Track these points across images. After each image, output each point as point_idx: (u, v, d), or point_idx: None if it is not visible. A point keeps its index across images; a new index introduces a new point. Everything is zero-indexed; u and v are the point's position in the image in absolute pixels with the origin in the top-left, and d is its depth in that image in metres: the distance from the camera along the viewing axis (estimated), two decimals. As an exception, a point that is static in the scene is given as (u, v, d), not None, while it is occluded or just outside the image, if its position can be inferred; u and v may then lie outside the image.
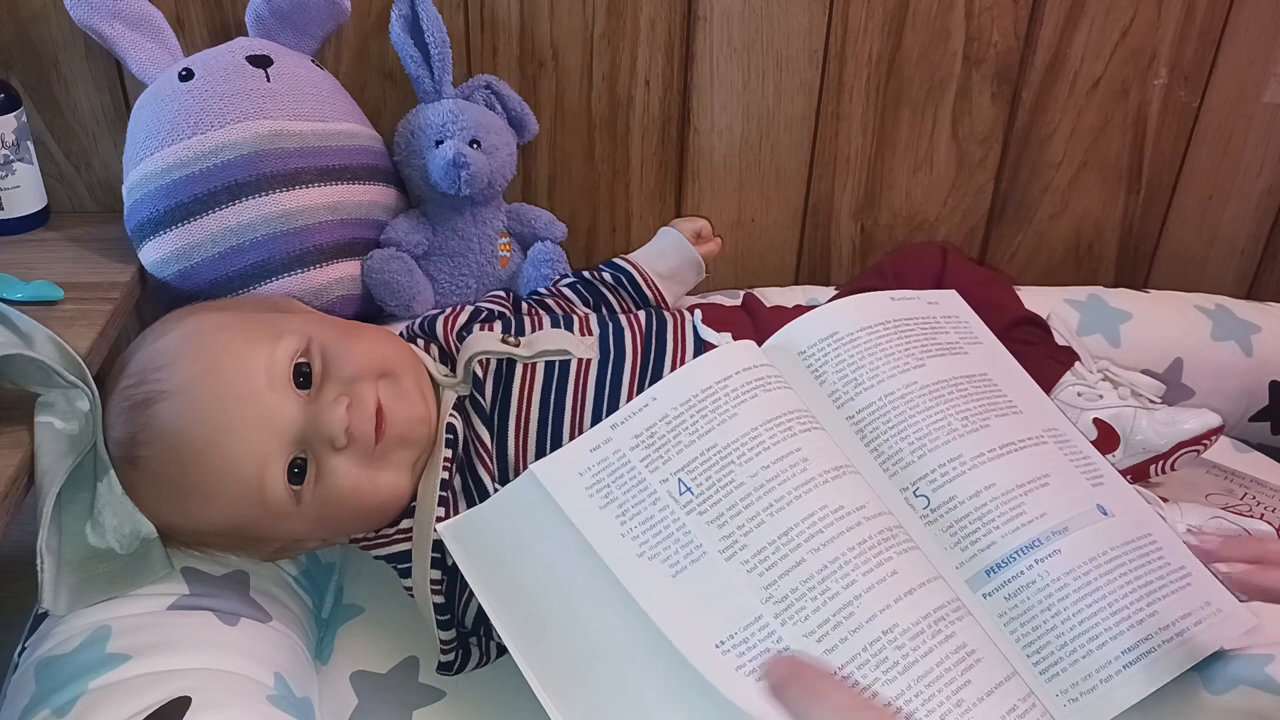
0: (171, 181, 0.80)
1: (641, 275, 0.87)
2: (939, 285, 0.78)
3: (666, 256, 0.90)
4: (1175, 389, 0.91)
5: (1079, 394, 0.80)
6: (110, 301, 0.79)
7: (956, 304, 0.75)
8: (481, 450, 0.69)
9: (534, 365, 0.72)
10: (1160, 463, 0.79)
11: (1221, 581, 0.61)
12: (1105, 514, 0.63)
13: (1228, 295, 0.97)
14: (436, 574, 0.67)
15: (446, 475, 0.68)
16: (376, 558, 0.71)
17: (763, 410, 0.62)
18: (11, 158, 0.86)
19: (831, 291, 0.98)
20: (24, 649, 0.64)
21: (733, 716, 0.54)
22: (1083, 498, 0.64)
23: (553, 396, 0.71)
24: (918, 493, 0.63)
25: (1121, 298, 0.95)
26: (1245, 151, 1.02)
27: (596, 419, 0.67)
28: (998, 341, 0.73)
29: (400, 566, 0.70)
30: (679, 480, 0.60)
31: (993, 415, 0.66)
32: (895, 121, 0.99)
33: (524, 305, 0.84)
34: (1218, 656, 0.60)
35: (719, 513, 0.59)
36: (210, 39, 0.89)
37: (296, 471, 0.65)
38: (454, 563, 0.64)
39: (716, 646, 0.55)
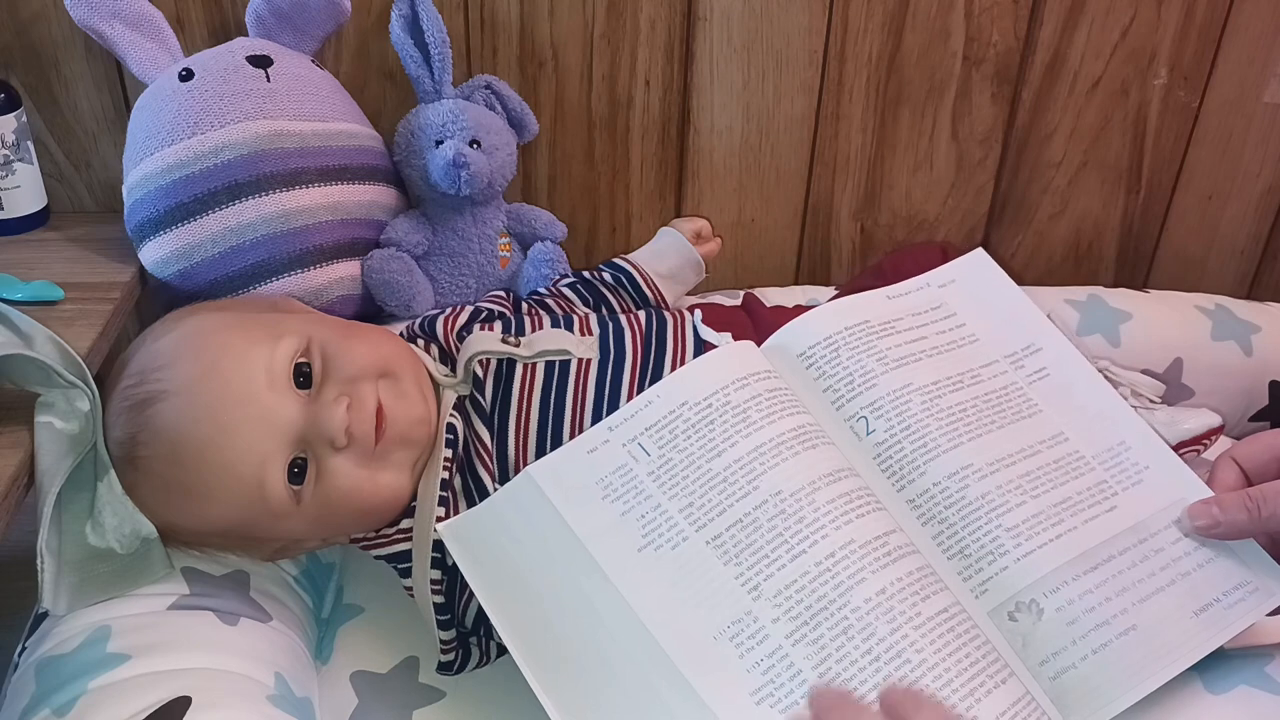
0: (171, 181, 0.80)
1: (641, 275, 0.87)
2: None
3: (666, 256, 0.90)
4: (1175, 389, 0.91)
5: (1079, 394, 0.80)
6: (110, 301, 0.79)
7: (974, 274, 0.73)
8: (481, 450, 0.69)
9: (534, 365, 0.72)
10: (1161, 462, 0.79)
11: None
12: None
13: (1228, 295, 0.97)
14: (436, 574, 0.67)
15: (447, 475, 0.68)
16: (376, 558, 0.71)
17: (761, 412, 0.62)
18: (11, 158, 0.86)
19: (831, 291, 0.98)
20: (24, 649, 0.64)
21: (726, 711, 0.54)
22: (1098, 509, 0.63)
23: (553, 396, 0.71)
24: (915, 504, 0.63)
25: (1121, 298, 0.95)
26: (1245, 151, 1.02)
27: (596, 419, 0.67)
28: (1027, 311, 0.72)
29: (400, 566, 0.70)
30: (675, 482, 0.60)
31: (1007, 415, 0.66)
32: (895, 121, 0.99)
33: (524, 305, 0.84)
34: (1218, 656, 0.60)
35: (713, 515, 0.59)
36: (210, 39, 0.89)
37: (296, 471, 0.65)
38: (454, 562, 0.64)
39: (714, 639, 0.56)
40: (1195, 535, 0.61)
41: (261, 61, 0.83)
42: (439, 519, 0.66)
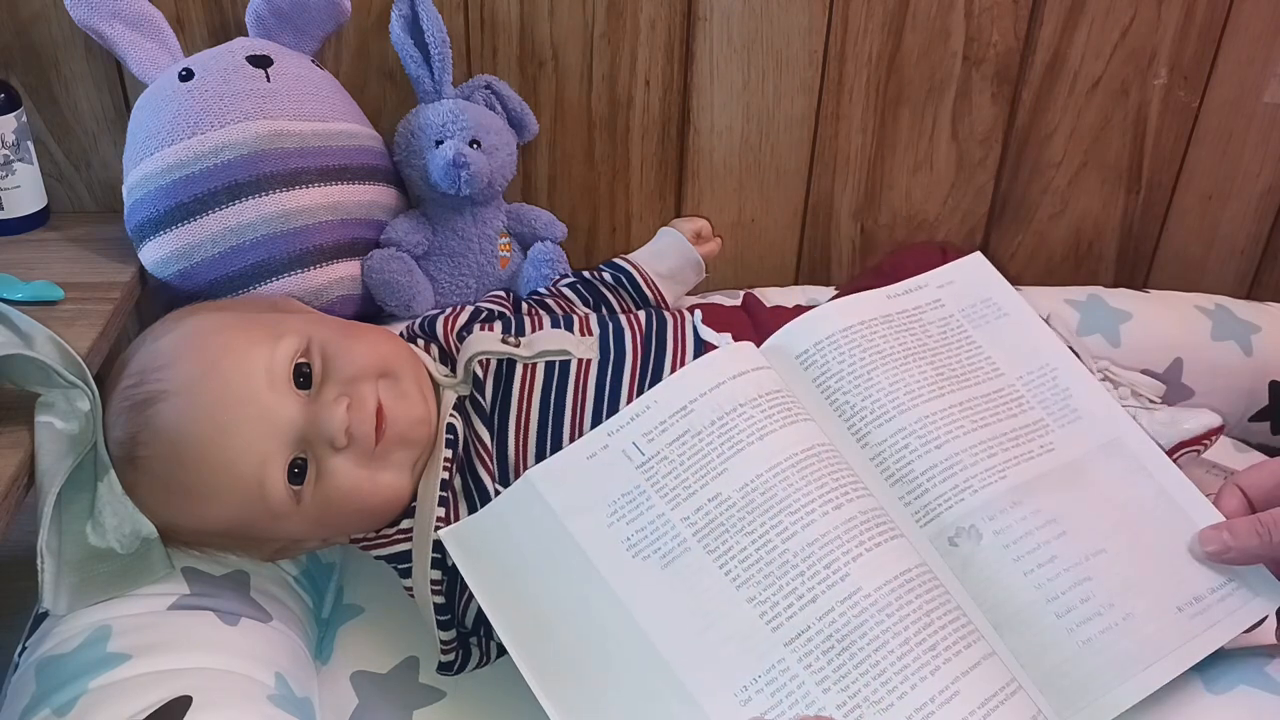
0: (171, 181, 0.80)
1: (641, 275, 0.87)
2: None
3: (666, 256, 0.90)
4: (1175, 389, 0.91)
5: (1079, 394, 0.80)
6: (110, 301, 0.79)
7: (974, 277, 0.73)
8: (481, 450, 0.69)
9: (534, 365, 0.72)
10: (1161, 462, 0.79)
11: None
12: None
13: (1228, 295, 0.97)
14: (437, 574, 0.67)
15: (447, 475, 0.68)
16: (377, 558, 0.71)
17: (761, 416, 0.62)
18: (11, 158, 0.86)
19: (831, 291, 0.98)
20: (24, 649, 0.64)
21: (721, 713, 0.54)
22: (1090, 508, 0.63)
23: (553, 397, 0.71)
24: (913, 504, 0.63)
25: (1121, 298, 0.95)
26: (1245, 151, 1.02)
27: (596, 419, 0.67)
28: (1024, 316, 0.72)
29: (400, 566, 0.70)
30: (675, 487, 0.60)
31: (1001, 415, 0.66)
32: (895, 121, 0.99)
33: (524, 305, 0.84)
34: (1218, 656, 0.60)
35: (713, 520, 0.59)
36: (210, 39, 0.89)
37: (296, 472, 0.65)
38: (454, 563, 0.64)
39: (711, 644, 0.56)
40: (1206, 560, 0.61)
41: (261, 61, 0.83)
42: (439, 519, 0.66)
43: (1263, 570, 0.61)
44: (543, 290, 0.87)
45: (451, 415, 0.70)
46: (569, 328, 0.76)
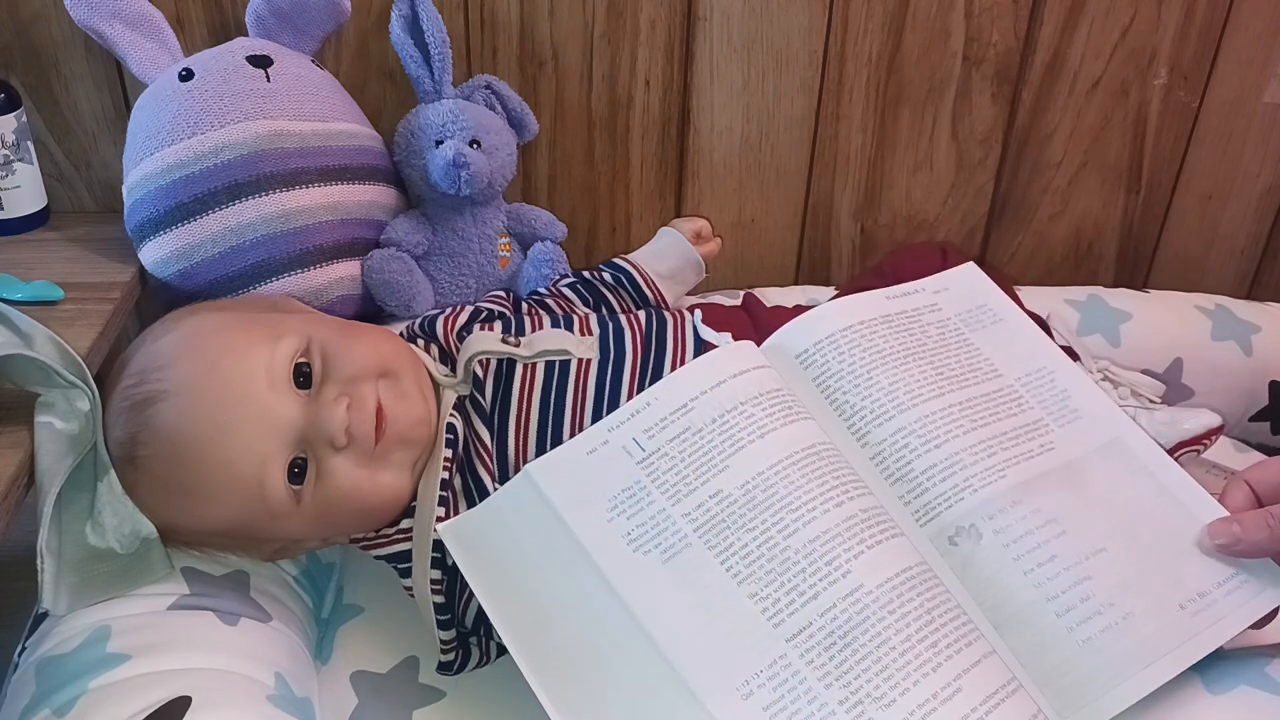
0: (171, 181, 0.80)
1: (641, 275, 0.87)
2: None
3: (666, 256, 0.90)
4: (1175, 389, 0.91)
5: (1079, 394, 0.80)
6: (110, 301, 0.79)
7: (968, 284, 0.74)
8: (481, 450, 0.69)
9: (534, 365, 0.72)
10: (1161, 462, 0.79)
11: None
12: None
13: (1228, 295, 0.97)
14: (436, 574, 0.67)
15: (447, 475, 0.68)
16: (376, 558, 0.71)
17: (762, 414, 0.62)
18: (11, 158, 0.86)
19: (831, 291, 0.98)
20: (24, 649, 0.64)
21: (723, 710, 0.54)
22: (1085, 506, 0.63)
23: (553, 396, 0.71)
24: (913, 503, 0.63)
25: (1121, 298, 0.95)
26: (1245, 151, 1.02)
27: (596, 419, 0.67)
28: (1019, 322, 0.72)
29: (400, 566, 0.70)
30: (676, 483, 0.60)
31: (1000, 414, 0.66)
32: (895, 121, 0.99)
33: (524, 305, 0.84)
34: (1218, 656, 0.60)
35: (714, 516, 0.59)
36: (210, 39, 0.89)
37: (296, 471, 0.65)
38: (454, 562, 0.64)
39: (712, 640, 0.55)
40: (1213, 552, 0.61)
41: (261, 61, 0.83)
42: (439, 519, 0.66)
43: (1270, 563, 0.61)
44: (543, 290, 0.87)
45: (451, 415, 0.70)
46: (569, 327, 0.76)
